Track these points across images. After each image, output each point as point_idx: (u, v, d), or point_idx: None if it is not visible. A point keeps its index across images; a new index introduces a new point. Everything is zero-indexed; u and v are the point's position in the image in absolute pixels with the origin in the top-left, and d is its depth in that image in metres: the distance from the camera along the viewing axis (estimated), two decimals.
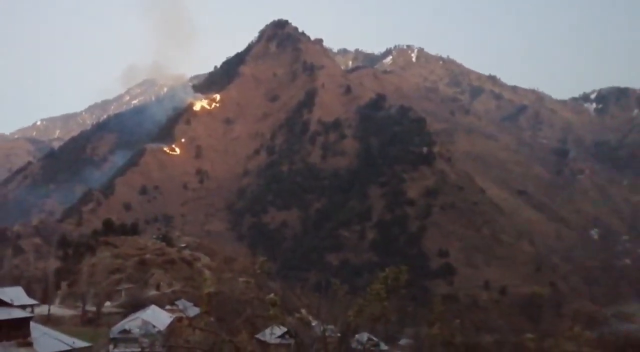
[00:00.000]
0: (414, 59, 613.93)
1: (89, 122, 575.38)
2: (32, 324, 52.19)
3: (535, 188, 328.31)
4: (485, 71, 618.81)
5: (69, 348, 52.74)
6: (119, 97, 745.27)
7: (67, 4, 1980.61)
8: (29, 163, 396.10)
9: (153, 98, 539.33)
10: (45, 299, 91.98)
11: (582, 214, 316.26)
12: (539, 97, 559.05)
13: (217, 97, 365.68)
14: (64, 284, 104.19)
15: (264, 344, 60.73)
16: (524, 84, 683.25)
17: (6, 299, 52.12)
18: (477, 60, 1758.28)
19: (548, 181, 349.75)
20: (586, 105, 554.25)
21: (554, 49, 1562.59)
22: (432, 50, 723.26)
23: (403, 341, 72.68)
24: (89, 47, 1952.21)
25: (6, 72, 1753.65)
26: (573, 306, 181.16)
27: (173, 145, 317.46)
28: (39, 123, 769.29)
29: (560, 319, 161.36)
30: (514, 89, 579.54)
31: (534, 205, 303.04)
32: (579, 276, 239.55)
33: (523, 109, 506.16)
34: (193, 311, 64.51)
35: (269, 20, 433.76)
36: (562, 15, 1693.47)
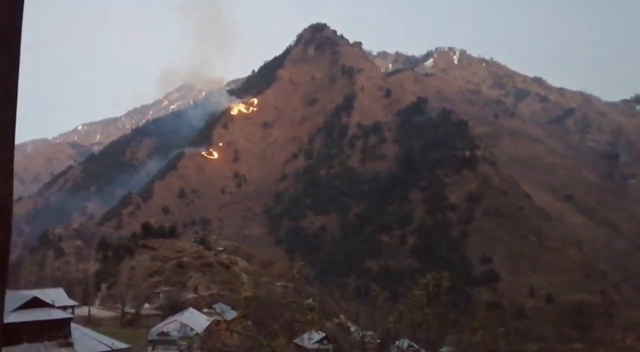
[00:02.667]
0: (455, 62, 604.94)
1: (129, 126, 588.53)
2: (72, 324, 52.41)
3: (584, 193, 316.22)
4: (531, 73, 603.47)
5: (108, 349, 52.61)
6: (158, 102, 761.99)
7: (107, 9, 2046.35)
8: (70, 167, 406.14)
9: (191, 103, 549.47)
10: (85, 301, 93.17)
11: (635, 220, 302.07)
12: (587, 100, 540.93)
13: (255, 101, 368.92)
14: (103, 286, 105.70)
15: (301, 349, 59.32)
16: (572, 86, 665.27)
17: (48, 300, 52.56)
18: (522, 62, 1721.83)
19: (597, 186, 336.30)
20: (638, 107, 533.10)
21: (602, 49, 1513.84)
22: (474, 52, 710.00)
23: (444, 349, 69.94)
24: (129, 53, 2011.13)
25: (48, 78, 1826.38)
26: (625, 315, 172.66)
27: (211, 150, 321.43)
28: (80, 128, 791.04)
29: (612, 329, 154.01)
30: (561, 91, 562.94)
31: (583, 210, 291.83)
32: (631, 284, 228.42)
33: (570, 111, 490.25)
34: (231, 314, 63.42)
35: (307, 24, 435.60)
36: (610, 14, 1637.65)
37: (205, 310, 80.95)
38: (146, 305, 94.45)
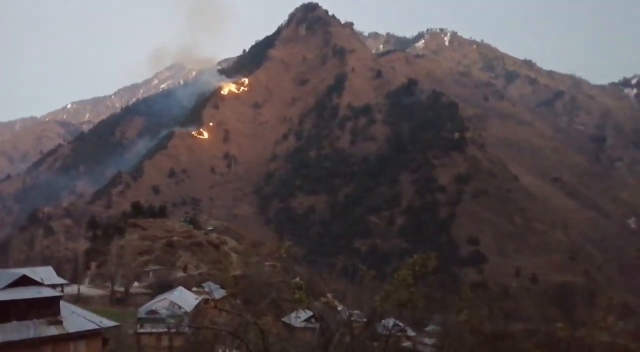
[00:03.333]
0: (447, 43, 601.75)
1: (119, 105, 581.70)
2: (62, 303, 52.35)
3: (571, 176, 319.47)
4: (521, 56, 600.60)
5: (97, 327, 52.98)
6: (148, 81, 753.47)
7: None
8: (60, 146, 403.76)
9: (181, 82, 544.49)
10: (75, 279, 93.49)
11: (620, 203, 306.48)
12: (577, 83, 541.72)
13: (246, 81, 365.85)
14: (93, 265, 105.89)
15: (289, 327, 60.21)
16: (561, 69, 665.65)
17: (37, 278, 52.34)
18: (512, 44, 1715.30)
19: (585, 169, 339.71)
20: (626, 91, 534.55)
21: (592, 32, 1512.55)
22: (466, 34, 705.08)
23: (430, 328, 71.18)
24: (119, 31, 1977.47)
25: (38, 57, 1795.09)
26: (608, 296, 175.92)
27: (201, 129, 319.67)
28: (69, 106, 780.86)
29: (594, 309, 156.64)
30: (551, 74, 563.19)
31: (570, 193, 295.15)
32: (615, 266, 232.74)
33: (560, 94, 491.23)
34: (219, 293, 64.11)
35: (299, 4, 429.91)
36: None
37: (194, 289, 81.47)
38: (136, 284, 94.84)
